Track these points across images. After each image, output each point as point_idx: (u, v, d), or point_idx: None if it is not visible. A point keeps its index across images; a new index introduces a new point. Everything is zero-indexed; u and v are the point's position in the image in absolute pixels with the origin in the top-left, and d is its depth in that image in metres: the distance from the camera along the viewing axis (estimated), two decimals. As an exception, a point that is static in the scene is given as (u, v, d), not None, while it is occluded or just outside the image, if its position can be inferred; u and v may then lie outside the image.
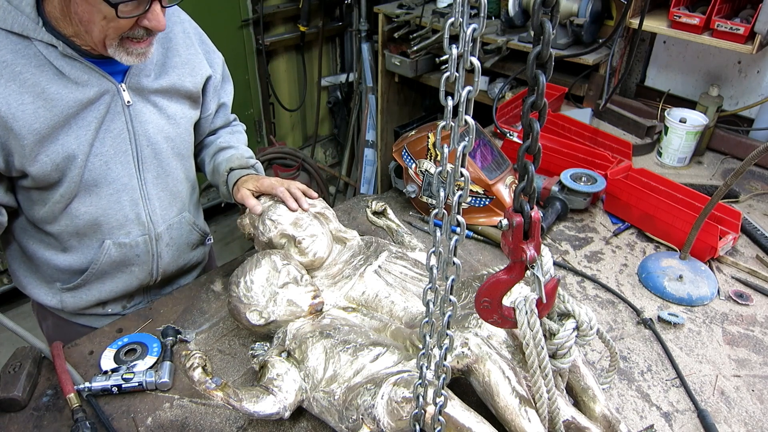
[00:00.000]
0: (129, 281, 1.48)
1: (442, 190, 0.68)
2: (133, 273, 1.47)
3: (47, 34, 1.15)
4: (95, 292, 1.46)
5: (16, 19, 1.13)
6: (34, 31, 1.14)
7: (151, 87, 1.33)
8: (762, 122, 2.22)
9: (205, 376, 0.99)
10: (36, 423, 1.16)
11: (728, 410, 1.22)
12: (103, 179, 1.32)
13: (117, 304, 1.53)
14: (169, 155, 1.42)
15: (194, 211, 1.60)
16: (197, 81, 1.43)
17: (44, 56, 1.16)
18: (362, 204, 1.92)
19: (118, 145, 1.31)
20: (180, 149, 1.45)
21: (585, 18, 2.30)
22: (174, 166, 1.45)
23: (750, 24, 1.90)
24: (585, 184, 1.79)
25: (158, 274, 1.52)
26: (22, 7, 1.13)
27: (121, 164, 1.33)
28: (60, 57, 1.17)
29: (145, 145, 1.36)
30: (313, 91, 4.27)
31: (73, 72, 1.19)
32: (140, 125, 1.33)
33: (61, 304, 1.48)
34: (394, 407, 0.93)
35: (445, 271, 0.73)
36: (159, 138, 1.38)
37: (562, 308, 0.96)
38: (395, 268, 1.31)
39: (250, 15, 3.64)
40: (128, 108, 1.30)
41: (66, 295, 1.47)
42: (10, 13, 1.13)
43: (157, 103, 1.36)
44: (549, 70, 0.64)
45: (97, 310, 1.52)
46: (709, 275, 1.55)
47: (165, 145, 1.40)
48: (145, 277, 1.50)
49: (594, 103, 2.42)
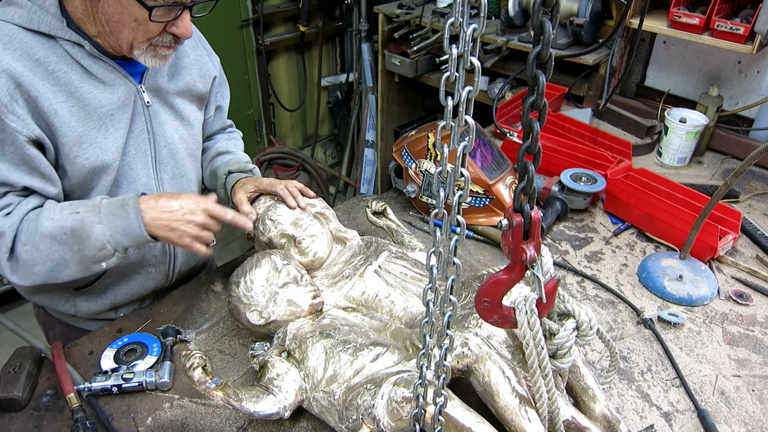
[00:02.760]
0: (145, 283, 1.47)
1: (442, 190, 0.68)
2: (150, 274, 1.47)
3: (74, 33, 1.14)
4: (110, 294, 1.45)
5: (43, 19, 1.12)
6: (61, 31, 1.14)
7: (167, 88, 1.34)
8: (762, 122, 2.22)
9: (205, 376, 0.99)
10: (36, 423, 1.16)
11: (728, 410, 1.22)
12: (124, 180, 1.32)
13: (129, 308, 1.52)
14: (183, 156, 1.43)
15: None
16: (207, 81, 1.45)
17: (71, 56, 1.16)
18: (362, 204, 1.92)
19: (138, 145, 1.31)
20: (193, 150, 1.46)
21: (585, 18, 2.30)
22: (188, 167, 1.46)
23: (750, 24, 1.90)
24: (585, 184, 1.79)
25: (174, 275, 1.52)
26: (47, 6, 1.13)
27: (141, 165, 1.33)
28: (86, 56, 1.17)
29: (163, 146, 1.36)
30: (313, 91, 4.28)
31: (100, 72, 1.20)
32: (158, 126, 1.34)
33: (74, 309, 1.46)
34: (394, 407, 0.93)
35: (445, 271, 0.73)
36: (175, 138, 1.38)
37: (562, 308, 0.96)
38: (395, 268, 1.31)
39: (250, 15, 3.64)
40: (148, 108, 1.30)
41: (80, 299, 1.44)
42: (36, 12, 1.12)
43: (173, 104, 1.37)
44: (549, 70, 0.64)
45: (110, 314, 1.50)
46: (709, 275, 1.55)
47: (180, 145, 1.41)
48: (161, 279, 1.49)
49: (594, 103, 2.42)
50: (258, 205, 1.41)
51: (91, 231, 1.14)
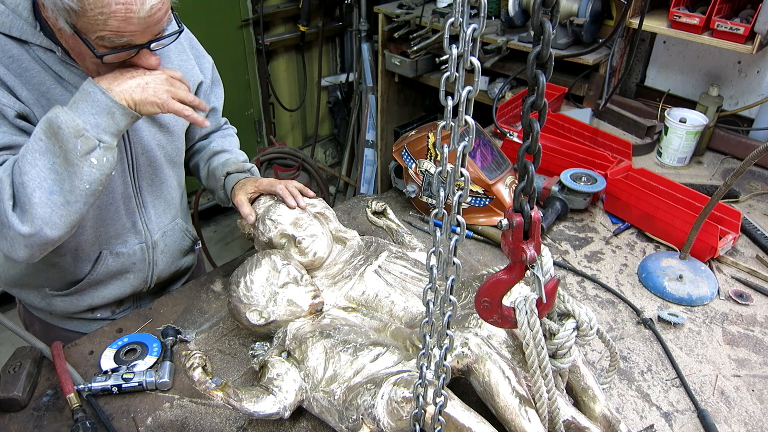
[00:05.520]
0: (122, 288, 1.48)
1: (442, 190, 0.69)
2: (128, 280, 1.47)
3: (46, 39, 1.13)
4: (87, 298, 1.45)
5: (15, 23, 1.11)
6: (33, 36, 1.12)
7: None
8: (762, 122, 2.22)
9: (205, 376, 0.99)
10: (36, 423, 1.16)
11: (728, 410, 1.22)
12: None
13: (107, 310, 1.52)
14: (162, 163, 1.41)
15: (185, 217, 1.60)
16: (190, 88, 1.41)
17: (43, 61, 1.15)
18: (362, 204, 1.92)
19: None
20: (173, 156, 1.44)
21: (585, 18, 2.30)
22: (168, 174, 1.44)
23: (750, 24, 1.90)
24: (585, 184, 1.79)
25: (152, 281, 1.52)
26: (19, 11, 1.11)
27: (117, 172, 1.31)
28: (58, 62, 1.16)
29: (140, 153, 1.34)
30: (313, 91, 4.28)
31: (72, 78, 1.18)
32: (135, 133, 1.31)
33: (50, 308, 1.47)
34: (394, 407, 0.93)
35: (445, 271, 0.73)
36: (153, 146, 1.36)
37: (562, 308, 0.96)
38: (395, 268, 1.31)
39: (250, 15, 3.64)
40: None
41: (56, 299, 1.45)
42: (8, 16, 1.11)
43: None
44: (549, 70, 0.64)
45: (86, 314, 1.51)
46: (709, 275, 1.55)
47: (159, 153, 1.38)
48: (139, 284, 1.50)
49: (594, 103, 2.42)
50: (258, 206, 1.41)
51: (59, 120, 1.05)
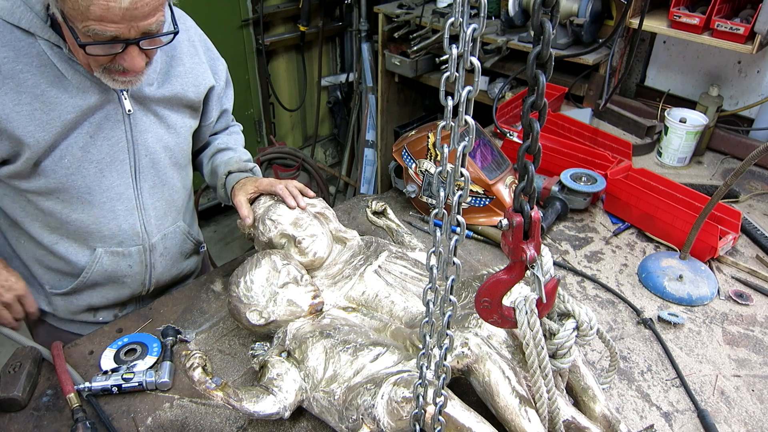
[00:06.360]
0: (121, 291, 1.47)
1: (442, 190, 0.68)
2: (125, 283, 1.46)
3: (54, 34, 1.13)
4: (86, 297, 1.46)
5: (25, 15, 1.11)
6: (41, 29, 1.12)
7: (153, 96, 1.30)
8: (762, 122, 2.22)
9: (205, 376, 0.99)
10: (36, 423, 1.16)
11: (728, 410, 1.22)
12: (96, 186, 1.29)
13: (109, 313, 1.52)
14: (166, 165, 1.40)
15: (189, 219, 1.59)
16: (200, 91, 1.41)
17: (48, 56, 1.14)
18: (362, 204, 1.92)
19: (114, 153, 1.29)
20: (178, 159, 1.44)
21: (585, 18, 2.30)
22: (171, 176, 1.43)
23: (750, 24, 1.90)
24: (585, 184, 1.79)
25: (151, 284, 1.51)
26: (32, 3, 1.11)
27: (117, 173, 1.31)
28: (63, 59, 1.15)
29: (144, 155, 1.34)
30: (313, 91, 4.27)
31: (75, 76, 1.17)
32: (140, 134, 1.31)
33: (52, 307, 1.47)
34: (394, 407, 0.93)
35: (445, 271, 0.73)
36: (158, 147, 1.36)
37: (562, 308, 0.96)
38: (395, 268, 1.31)
39: (250, 15, 3.64)
40: (128, 117, 1.27)
41: (57, 299, 1.46)
42: (20, 7, 1.11)
43: (158, 113, 1.34)
44: (549, 70, 0.64)
45: (88, 317, 1.51)
46: (709, 275, 1.55)
47: (163, 154, 1.38)
48: (137, 288, 1.49)
49: (594, 103, 2.42)
50: (258, 206, 1.41)
51: None
